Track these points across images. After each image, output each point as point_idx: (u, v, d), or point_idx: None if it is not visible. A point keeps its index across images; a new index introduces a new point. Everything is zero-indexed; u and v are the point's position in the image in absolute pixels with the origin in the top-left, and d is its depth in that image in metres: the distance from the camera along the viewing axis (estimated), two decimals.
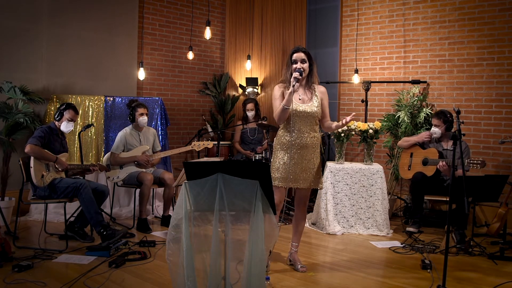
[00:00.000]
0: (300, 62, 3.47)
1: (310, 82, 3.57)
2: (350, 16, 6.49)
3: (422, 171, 4.77)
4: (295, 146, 3.49)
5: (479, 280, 3.53)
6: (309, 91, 3.57)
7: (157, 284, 3.35)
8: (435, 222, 5.19)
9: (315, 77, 3.58)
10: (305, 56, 3.48)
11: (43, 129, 4.30)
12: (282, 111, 3.40)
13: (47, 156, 4.22)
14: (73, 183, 4.22)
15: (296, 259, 3.72)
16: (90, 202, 4.19)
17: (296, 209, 3.74)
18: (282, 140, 3.55)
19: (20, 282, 3.29)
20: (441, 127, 4.73)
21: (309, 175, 3.55)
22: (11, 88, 5.01)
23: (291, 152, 3.48)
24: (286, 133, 3.52)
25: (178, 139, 6.95)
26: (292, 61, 3.50)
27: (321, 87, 3.63)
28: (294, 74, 3.40)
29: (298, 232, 3.75)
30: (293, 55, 3.50)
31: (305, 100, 3.53)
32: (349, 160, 6.20)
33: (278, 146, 3.58)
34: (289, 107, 3.38)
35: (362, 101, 5.92)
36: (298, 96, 3.52)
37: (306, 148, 3.52)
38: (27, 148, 4.11)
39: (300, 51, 3.49)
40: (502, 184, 4.10)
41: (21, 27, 5.39)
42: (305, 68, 3.48)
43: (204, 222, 2.72)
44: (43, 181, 4.16)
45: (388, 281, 3.48)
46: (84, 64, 5.93)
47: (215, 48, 7.38)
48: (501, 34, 5.22)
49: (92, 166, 4.57)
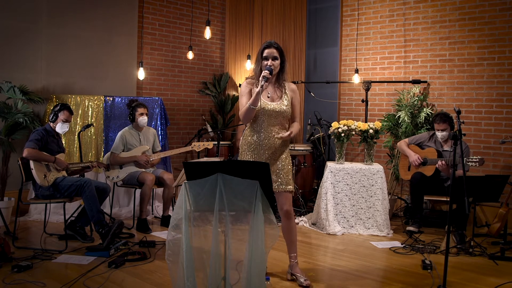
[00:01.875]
0: (271, 59, 3.26)
1: (280, 79, 3.36)
2: (351, 15, 6.48)
3: (421, 171, 4.76)
4: (263, 147, 3.28)
5: (480, 280, 3.52)
6: (279, 88, 3.37)
7: (157, 284, 3.34)
8: (436, 222, 5.18)
9: (286, 74, 3.40)
10: (277, 53, 3.27)
11: (39, 132, 4.28)
12: (248, 110, 3.18)
13: (45, 157, 4.22)
14: (77, 181, 4.22)
15: (298, 272, 3.39)
16: (94, 200, 4.20)
17: (281, 218, 3.40)
18: (248, 140, 3.33)
19: (20, 283, 3.28)
20: (447, 130, 4.72)
21: (279, 177, 3.31)
22: (11, 88, 5.00)
23: (260, 153, 3.28)
24: (253, 132, 3.31)
25: (178, 139, 6.94)
26: (263, 57, 3.28)
27: (292, 85, 3.43)
28: (263, 72, 3.18)
29: (292, 242, 3.42)
30: (264, 51, 3.28)
31: (274, 98, 3.32)
32: (350, 160, 6.19)
33: (245, 147, 3.35)
34: (255, 107, 3.16)
35: (362, 101, 5.91)
36: (267, 93, 3.32)
37: (275, 149, 3.30)
38: (24, 153, 4.11)
39: (273, 47, 3.28)
40: (502, 184, 4.09)
41: (20, 26, 5.38)
42: (276, 65, 3.27)
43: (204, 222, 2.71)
44: (47, 180, 4.17)
45: (388, 282, 3.47)
46: (84, 63, 5.92)
47: (215, 47, 7.37)
48: (501, 33, 5.21)
49: (91, 163, 4.57)
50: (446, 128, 4.71)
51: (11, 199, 5.01)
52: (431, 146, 4.83)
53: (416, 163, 4.76)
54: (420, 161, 4.74)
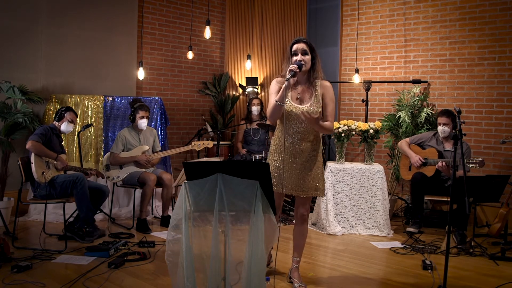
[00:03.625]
0: (300, 53, 3.05)
1: (312, 78, 3.11)
2: (351, 15, 6.47)
3: (422, 171, 4.75)
4: (288, 151, 3.14)
5: (480, 281, 3.51)
6: (310, 89, 3.12)
7: (157, 284, 3.33)
8: (436, 223, 5.17)
9: (319, 72, 3.13)
10: (306, 47, 3.06)
11: (44, 128, 4.33)
12: (275, 107, 3.01)
13: (47, 153, 4.25)
14: (70, 176, 4.24)
15: (296, 277, 3.32)
16: (84, 197, 4.21)
17: (296, 220, 3.36)
18: (276, 141, 3.22)
19: (19, 283, 3.27)
20: (449, 126, 4.70)
21: (305, 182, 3.18)
22: (10, 88, 4.99)
23: (287, 155, 3.15)
24: (281, 135, 3.17)
25: (178, 139, 6.94)
26: (292, 52, 3.09)
27: (324, 82, 3.16)
28: (290, 66, 2.98)
29: (299, 245, 3.36)
30: (293, 46, 3.09)
31: (304, 100, 3.12)
32: (350, 160, 6.18)
33: (273, 147, 3.25)
34: (283, 103, 2.98)
35: (362, 100, 5.90)
36: (297, 95, 3.12)
37: (302, 153, 3.15)
38: (28, 144, 4.13)
39: (302, 42, 3.08)
40: (503, 184, 4.09)
41: (20, 26, 5.38)
42: (306, 60, 3.05)
43: (204, 222, 2.70)
44: (44, 177, 4.17)
45: (388, 282, 3.46)
46: (83, 63, 5.91)
47: (215, 47, 7.36)
48: (502, 33, 5.20)
49: (89, 171, 4.57)
50: (448, 123, 4.69)
51: (11, 199, 5.00)
52: (433, 145, 4.82)
53: (417, 164, 4.75)
54: (421, 162, 4.73)
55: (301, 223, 3.31)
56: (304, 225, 3.32)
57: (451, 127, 4.70)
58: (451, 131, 4.71)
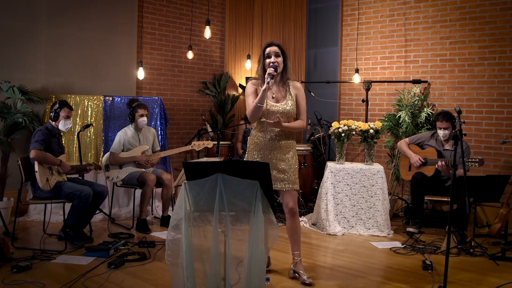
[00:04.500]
0: (274, 56, 3.30)
1: (284, 78, 3.39)
2: (351, 15, 6.47)
3: (422, 171, 4.74)
4: (268, 147, 3.34)
5: (481, 281, 3.51)
6: (283, 88, 3.40)
7: (157, 285, 3.32)
8: (436, 223, 5.16)
9: (290, 73, 3.41)
10: (279, 50, 3.31)
11: (42, 132, 4.25)
12: (256, 109, 3.22)
13: (51, 160, 4.21)
14: (78, 190, 4.17)
15: (302, 269, 3.44)
16: (81, 211, 4.18)
17: (286, 216, 3.47)
18: (255, 140, 3.41)
19: (19, 283, 3.27)
20: (449, 129, 4.70)
21: (286, 176, 3.36)
22: (10, 87, 4.98)
23: (266, 152, 3.34)
24: (260, 133, 3.39)
25: (178, 139, 6.93)
26: (265, 55, 3.33)
27: (296, 83, 3.46)
28: (268, 70, 3.22)
29: (296, 240, 3.48)
30: (266, 49, 3.33)
31: (279, 99, 3.37)
32: (350, 160, 6.17)
33: (251, 146, 3.43)
34: (262, 104, 3.20)
35: (362, 100, 5.90)
36: (272, 94, 3.35)
37: (280, 148, 3.36)
38: (32, 154, 4.09)
39: (274, 45, 3.34)
40: (503, 184, 4.08)
41: (20, 26, 5.37)
42: (280, 62, 3.31)
43: (203, 222, 2.70)
44: (49, 184, 4.15)
45: (388, 282, 3.46)
46: (83, 63, 5.90)
47: (215, 47, 7.35)
48: (502, 33, 5.20)
49: (88, 166, 4.55)
50: (448, 126, 4.69)
51: (10, 199, 5.00)
52: (432, 145, 4.82)
53: (417, 164, 4.74)
54: (421, 162, 4.73)
55: (292, 217, 3.43)
56: (296, 218, 3.43)
57: (452, 128, 4.70)
58: (451, 132, 4.71)
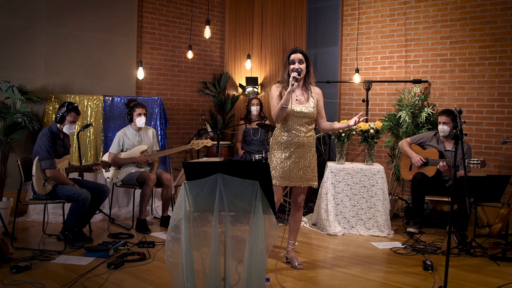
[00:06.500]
0: (298, 62, 3.58)
1: (307, 83, 3.68)
2: (351, 15, 6.46)
3: (423, 171, 4.73)
4: (292, 145, 3.59)
5: (481, 281, 3.50)
6: (306, 92, 3.68)
7: (156, 285, 3.32)
8: (437, 223, 5.16)
9: (312, 78, 3.71)
10: (302, 57, 3.60)
11: (47, 137, 4.18)
12: (281, 109, 3.49)
13: (65, 181, 4.25)
14: (75, 193, 4.15)
15: (293, 257, 3.78)
16: (79, 214, 4.18)
17: (292, 207, 3.81)
18: (278, 139, 3.65)
19: (18, 283, 3.26)
20: (449, 125, 4.68)
21: (306, 173, 3.65)
22: (9, 87, 4.98)
23: (289, 151, 3.59)
24: (283, 132, 3.62)
25: (178, 139, 6.92)
26: (290, 61, 3.61)
27: (316, 89, 3.74)
28: (292, 74, 3.50)
29: (295, 230, 3.83)
30: (291, 56, 3.62)
31: (302, 101, 3.63)
32: (350, 160, 6.17)
33: (275, 146, 3.67)
34: (287, 106, 3.48)
35: (363, 100, 5.89)
36: (295, 96, 3.62)
37: (303, 147, 3.61)
38: (48, 173, 4.12)
39: (298, 52, 3.61)
40: (504, 184, 4.07)
41: (19, 26, 5.36)
42: (303, 68, 3.59)
43: (203, 222, 2.69)
44: (45, 189, 4.15)
45: (389, 282, 3.45)
46: (83, 63, 5.90)
47: (214, 47, 7.35)
48: (503, 33, 5.19)
49: (95, 166, 4.50)
50: (448, 122, 4.67)
51: (10, 199, 4.99)
52: (434, 145, 4.81)
53: (419, 164, 4.73)
54: (422, 162, 4.72)
55: (297, 210, 3.79)
56: (300, 211, 3.80)
57: (451, 126, 4.68)
58: (451, 130, 4.69)
